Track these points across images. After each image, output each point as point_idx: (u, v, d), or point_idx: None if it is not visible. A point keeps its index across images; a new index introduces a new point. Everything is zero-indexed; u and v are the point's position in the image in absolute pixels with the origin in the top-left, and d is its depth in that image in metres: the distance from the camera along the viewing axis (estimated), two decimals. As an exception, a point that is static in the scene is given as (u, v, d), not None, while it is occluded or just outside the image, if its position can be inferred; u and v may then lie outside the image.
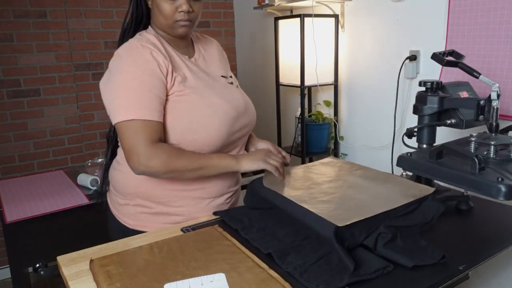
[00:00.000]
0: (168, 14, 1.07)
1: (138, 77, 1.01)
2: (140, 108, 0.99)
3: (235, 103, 1.14)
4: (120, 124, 1.00)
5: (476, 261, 0.82)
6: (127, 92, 1.00)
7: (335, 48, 2.20)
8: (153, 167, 0.99)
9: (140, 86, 1.00)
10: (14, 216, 1.66)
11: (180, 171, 1.02)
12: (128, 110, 0.99)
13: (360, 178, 1.06)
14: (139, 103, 0.99)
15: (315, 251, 0.83)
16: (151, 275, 0.79)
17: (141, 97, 1.00)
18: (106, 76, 1.07)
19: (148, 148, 0.98)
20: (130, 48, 1.05)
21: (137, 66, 1.02)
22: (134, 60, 1.03)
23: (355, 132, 2.26)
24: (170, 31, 1.11)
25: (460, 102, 1.12)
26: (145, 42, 1.05)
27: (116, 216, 1.17)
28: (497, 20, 1.50)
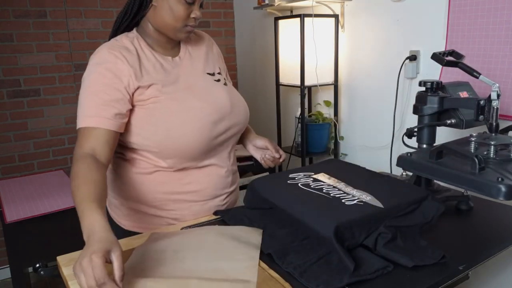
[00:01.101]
0: (181, 17, 1.04)
1: (95, 85, 1.00)
2: (88, 116, 0.98)
3: (217, 104, 1.10)
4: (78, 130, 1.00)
5: (476, 261, 0.82)
6: (83, 100, 1.00)
7: (335, 48, 2.20)
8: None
9: (93, 93, 0.99)
10: (14, 216, 1.66)
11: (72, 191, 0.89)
12: (80, 119, 0.99)
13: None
14: (88, 110, 0.99)
15: (315, 251, 0.83)
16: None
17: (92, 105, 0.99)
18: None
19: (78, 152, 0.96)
20: (96, 56, 1.04)
21: (97, 75, 1.01)
22: (96, 68, 1.02)
23: (355, 132, 2.26)
24: (171, 33, 1.08)
25: (460, 102, 1.12)
26: (114, 49, 1.03)
27: (112, 216, 1.17)
28: (497, 20, 1.50)
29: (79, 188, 0.87)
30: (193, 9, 1.05)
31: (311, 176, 1.10)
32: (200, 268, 0.79)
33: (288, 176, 1.10)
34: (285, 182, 1.07)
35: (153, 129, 1.03)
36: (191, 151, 1.06)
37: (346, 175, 1.09)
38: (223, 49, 3.17)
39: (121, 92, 1.00)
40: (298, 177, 1.09)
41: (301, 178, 1.08)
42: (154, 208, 1.11)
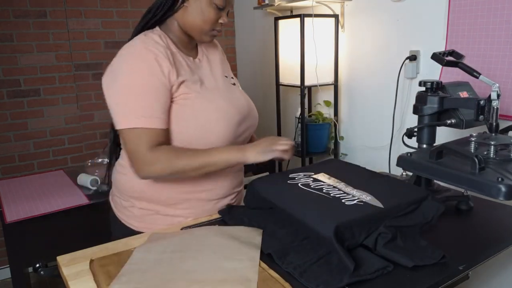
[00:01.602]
0: (211, 21, 1.07)
1: (142, 83, 0.99)
2: (142, 116, 0.99)
3: (239, 106, 1.14)
4: (123, 131, 1.01)
5: (476, 261, 0.82)
6: (130, 98, 0.99)
7: (335, 48, 2.20)
8: (154, 172, 1.00)
9: (143, 92, 0.99)
10: (14, 216, 1.66)
11: (182, 172, 1.02)
12: (130, 118, 0.99)
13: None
14: (142, 111, 0.99)
15: (315, 251, 0.83)
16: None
17: (144, 104, 0.99)
18: (110, 75, 1.05)
19: (148, 153, 0.99)
20: (134, 52, 1.03)
21: (141, 72, 1.00)
22: (139, 65, 1.01)
23: (355, 132, 2.26)
24: (197, 35, 1.10)
25: (460, 102, 1.12)
26: (150, 45, 1.03)
27: (120, 218, 1.16)
28: (497, 20, 1.50)
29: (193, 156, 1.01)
30: (222, 15, 1.09)
31: (311, 176, 1.10)
32: (200, 268, 0.80)
33: (288, 176, 1.10)
34: (285, 182, 1.07)
35: (184, 124, 1.05)
36: None
37: (346, 175, 1.09)
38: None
39: (166, 87, 1.02)
40: (298, 177, 1.09)
41: (301, 178, 1.08)
42: (168, 207, 1.11)
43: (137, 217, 1.13)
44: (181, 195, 1.10)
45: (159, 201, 1.11)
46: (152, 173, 1.01)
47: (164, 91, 1.02)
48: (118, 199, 1.17)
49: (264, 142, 1.07)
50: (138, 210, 1.12)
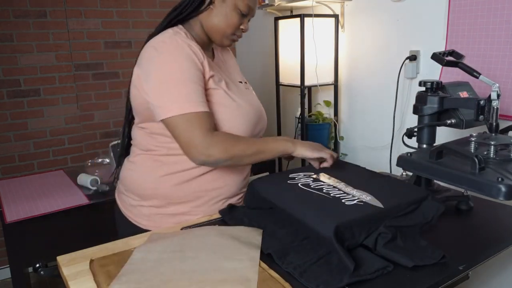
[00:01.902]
0: (233, 26, 1.10)
1: (183, 70, 1.01)
2: (191, 101, 0.99)
3: (256, 108, 1.17)
4: (171, 119, 1.00)
5: (476, 261, 0.82)
6: (173, 86, 1.00)
7: (335, 48, 2.20)
8: (213, 155, 1.00)
9: (187, 79, 1.00)
10: (14, 216, 1.66)
11: (239, 157, 1.03)
12: (177, 104, 0.99)
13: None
14: (187, 97, 1.00)
15: (315, 251, 0.83)
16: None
17: (188, 91, 1.00)
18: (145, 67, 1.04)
19: (206, 137, 0.99)
20: (170, 43, 1.03)
21: (180, 60, 1.01)
22: (176, 54, 1.02)
23: (355, 132, 2.26)
24: (218, 37, 1.12)
25: (460, 102, 1.12)
26: (182, 38, 1.05)
27: (128, 217, 1.16)
28: (497, 20, 1.50)
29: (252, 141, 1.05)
30: (244, 21, 1.13)
31: (311, 176, 1.10)
32: (200, 268, 0.80)
33: (288, 176, 1.10)
34: (285, 182, 1.07)
35: None
36: None
37: (346, 175, 1.09)
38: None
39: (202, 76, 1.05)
40: (298, 177, 1.09)
41: (301, 178, 1.08)
42: (178, 205, 1.11)
43: (146, 216, 1.13)
44: (194, 193, 1.11)
45: (171, 199, 1.11)
46: (211, 156, 1.00)
47: (201, 79, 1.04)
48: (126, 197, 1.17)
49: (313, 143, 1.13)
50: (147, 208, 1.12)
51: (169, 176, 1.10)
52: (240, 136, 1.07)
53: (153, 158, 1.11)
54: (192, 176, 1.10)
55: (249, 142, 1.05)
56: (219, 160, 1.01)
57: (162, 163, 1.10)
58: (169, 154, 1.09)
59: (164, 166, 1.10)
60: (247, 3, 1.10)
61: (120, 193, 1.21)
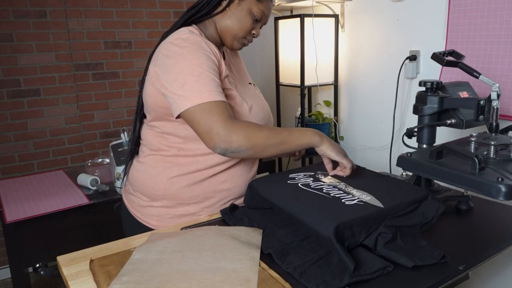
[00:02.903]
0: (246, 29, 1.11)
1: (202, 64, 1.00)
2: (209, 91, 0.98)
3: (265, 110, 1.18)
4: (191, 110, 0.98)
5: (476, 261, 0.82)
6: (191, 78, 0.99)
7: (335, 48, 2.20)
8: (235, 141, 0.96)
9: (205, 72, 1.00)
10: (14, 216, 1.66)
11: (261, 146, 0.99)
12: (196, 95, 0.98)
13: None
14: (205, 86, 0.99)
15: (315, 251, 0.83)
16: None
17: (207, 81, 0.99)
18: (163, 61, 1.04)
19: (226, 123, 0.96)
20: (188, 39, 1.04)
21: (199, 55, 1.02)
22: (194, 49, 1.02)
23: (355, 132, 2.26)
24: (229, 39, 1.13)
25: (460, 102, 1.12)
26: (199, 36, 1.06)
27: (137, 217, 1.16)
28: (497, 20, 1.50)
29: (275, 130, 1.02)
30: (256, 26, 1.13)
31: (311, 176, 1.10)
32: (200, 269, 0.80)
33: (288, 176, 1.10)
34: (285, 182, 1.07)
35: None
36: None
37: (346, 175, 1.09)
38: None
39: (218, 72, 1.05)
40: (298, 177, 1.09)
41: (301, 178, 1.08)
42: (188, 206, 1.11)
43: (156, 216, 1.13)
44: (204, 194, 1.11)
45: (182, 199, 1.11)
46: (233, 143, 0.96)
47: (218, 73, 1.04)
48: (136, 198, 1.16)
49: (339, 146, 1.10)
50: (157, 209, 1.12)
51: (180, 177, 1.09)
52: (262, 124, 1.05)
53: (164, 159, 1.11)
54: (203, 177, 1.10)
55: (272, 131, 1.02)
56: (241, 148, 0.97)
57: (173, 164, 1.10)
58: (180, 155, 1.09)
59: (175, 167, 1.10)
60: (262, 9, 1.11)
61: (129, 193, 1.20)
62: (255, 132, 0.99)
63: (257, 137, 0.98)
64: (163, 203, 1.12)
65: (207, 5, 1.11)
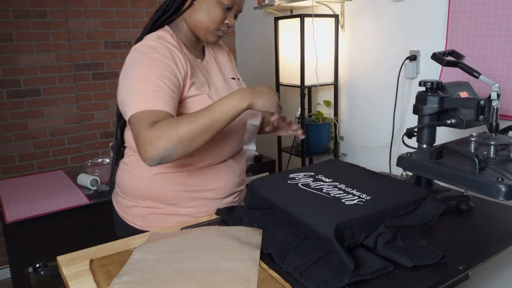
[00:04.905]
0: (217, 21, 1.08)
1: (156, 72, 0.98)
2: (148, 101, 0.95)
3: None
4: (130, 118, 0.96)
5: (476, 261, 0.82)
6: (138, 86, 0.97)
7: (335, 48, 2.20)
8: (159, 147, 0.89)
9: (152, 80, 0.97)
10: (14, 216, 1.66)
11: (188, 139, 0.91)
12: (136, 104, 0.95)
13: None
14: (153, 95, 0.95)
15: (315, 251, 0.83)
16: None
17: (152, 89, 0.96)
18: (123, 71, 1.04)
19: (147, 132, 0.90)
20: (151, 46, 1.03)
21: (156, 62, 0.99)
22: (154, 56, 1.00)
23: (355, 132, 2.26)
24: (203, 34, 1.11)
25: (460, 102, 1.12)
26: (165, 42, 1.04)
27: (124, 218, 1.16)
28: (497, 20, 1.50)
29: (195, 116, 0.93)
30: (229, 15, 1.10)
31: (311, 176, 1.10)
32: (200, 268, 0.80)
33: (288, 176, 1.10)
34: (285, 182, 1.06)
35: None
36: (227, 147, 1.10)
37: (346, 175, 1.09)
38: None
39: (177, 80, 1.01)
40: (298, 177, 1.09)
41: (301, 178, 1.08)
42: (172, 206, 1.11)
43: (142, 216, 1.13)
44: (186, 193, 1.11)
45: (164, 200, 1.11)
46: (158, 151, 0.89)
47: (175, 83, 1.00)
48: (122, 199, 1.17)
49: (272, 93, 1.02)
50: (143, 209, 1.12)
51: (161, 176, 1.09)
52: (183, 115, 0.97)
53: None
54: (184, 176, 1.09)
55: (193, 118, 0.92)
56: (168, 151, 0.90)
57: None
58: None
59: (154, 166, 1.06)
60: None
61: (116, 195, 1.21)
62: (174, 128, 0.90)
63: (179, 133, 0.90)
64: (147, 203, 1.12)
65: (173, 4, 1.09)
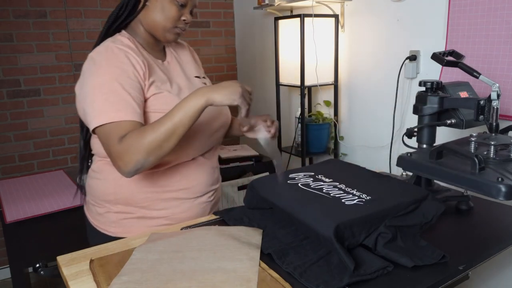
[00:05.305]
0: (173, 18, 1.07)
1: (114, 79, 0.98)
2: (111, 112, 0.95)
3: None
4: (96, 131, 0.97)
5: (476, 261, 0.82)
6: (100, 97, 0.97)
7: (335, 48, 2.20)
8: (132, 161, 0.92)
9: (113, 89, 0.97)
10: (14, 216, 1.66)
11: (155, 147, 0.92)
12: (100, 115, 0.95)
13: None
14: (111, 106, 0.96)
15: (315, 251, 0.83)
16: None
17: (114, 100, 0.96)
18: (80, 80, 1.04)
19: (116, 147, 0.93)
20: (105, 51, 1.02)
21: (113, 69, 0.99)
22: (110, 62, 1.00)
23: (355, 132, 2.26)
24: (160, 33, 1.09)
25: (460, 102, 1.12)
26: (120, 45, 1.03)
27: (96, 226, 1.15)
28: (497, 20, 1.50)
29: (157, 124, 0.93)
30: (184, 12, 1.09)
31: (311, 176, 1.10)
32: (200, 268, 0.80)
33: (288, 176, 1.10)
34: (285, 182, 1.07)
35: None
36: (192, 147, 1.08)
37: (346, 175, 1.09)
38: (223, 49, 3.17)
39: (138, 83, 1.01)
40: (298, 177, 1.09)
41: (301, 178, 1.08)
42: (144, 209, 1.10)
43: (114, 223, 1.11)
44: (156, 194, 1.09)
45: (134, 202, 1.09)
46: (130, 163, 0.92)
47: (137, 87, 1.00)
48: (93, 206, 1.15)
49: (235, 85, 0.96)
50: (114, 214, 1.11)
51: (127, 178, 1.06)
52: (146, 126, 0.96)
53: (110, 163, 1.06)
54: (151, 177, 1.08)
55: (155, 126, 0.93)
56: (139, 162, 0.93)
57: None
58: None
59: None
60: None
61: (88, 203, 1.19)
62: (140, 140, 0.92)
63: (144, 144, 0.92)
64: (117, 208, 1.10)
65: (125, 8, 1.09)
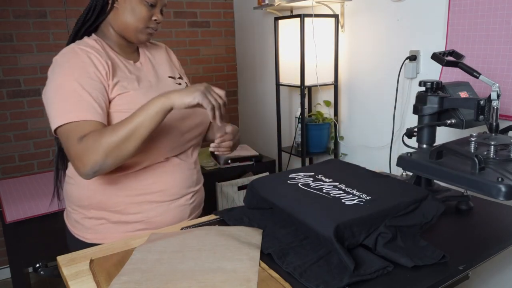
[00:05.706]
0: (143, 19, 1.07)
1: (74, 80, 0.97)
2: (71, 112, 0.95)
3: None
4: (58, 130, 0.97)
5: (476, 261, 0.82)
6: (61, 97, 0.97)
7: (335, 48, 2.20)
8: (91, 162, 0.92)
9: (73, 89, 0.96)
10: (14, 216, 1.66)
11: (114, 148, 0.92)
12: (60, 116, 0.95)
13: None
14: (71, 106, 0.95)
15: (315, 251, 0.83)
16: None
17: (74, 100, 0.96)
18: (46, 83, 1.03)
19: (76, 147, 0.93)
20: (67, 52, 1.02)
21: (73, 69, 0.99)
22: (71, 63, 1.00)
23: (355, 132, 2.26)
24: (132, 35, 1.09)
25: (460, 102, 1.12)
26: (82, 46, 1.03)
27: (74, 233, 1.14)
28: (497, 20, 1.50)
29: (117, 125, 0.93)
30: (155, 12, 1.08)
31: (311, 176, 1.10)
32: (200, 268, 0.80)
33: (288, 176, 1.10)
34: (285, 182, 1.07)
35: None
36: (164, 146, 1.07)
37: (346, 175, 1.09)
38: (223, 49, 3.17)
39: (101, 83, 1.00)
40: (298, 177, 1.09)
41: (301, 178, 1.08)
42: (119, 214, 1.09)
43: (89, 229, 1.11)
44: (129, 198, 1.08)
45: (108, 207, 1.08)
46: (87, 166, 0.92)
47: (99, 87, 1.00)
48: (70, 213, 1.15)
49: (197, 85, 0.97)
50: (89, 220, 1.10)
51: (100, 181, 1.06)
52: (106, 127, 0.96)
53: None
54: (124, 179, 1.07)
55: (115, 127, 0.93)
56: (97, 163, 0.92)
57: None
58: None
59: None
60: None
61: (66, 210, 1.19)
62: (98, 141, 0.91)
63: (102, 145, 0.91)
64: (92, 213, 1.10)
65: (93, 10, 1.08)
